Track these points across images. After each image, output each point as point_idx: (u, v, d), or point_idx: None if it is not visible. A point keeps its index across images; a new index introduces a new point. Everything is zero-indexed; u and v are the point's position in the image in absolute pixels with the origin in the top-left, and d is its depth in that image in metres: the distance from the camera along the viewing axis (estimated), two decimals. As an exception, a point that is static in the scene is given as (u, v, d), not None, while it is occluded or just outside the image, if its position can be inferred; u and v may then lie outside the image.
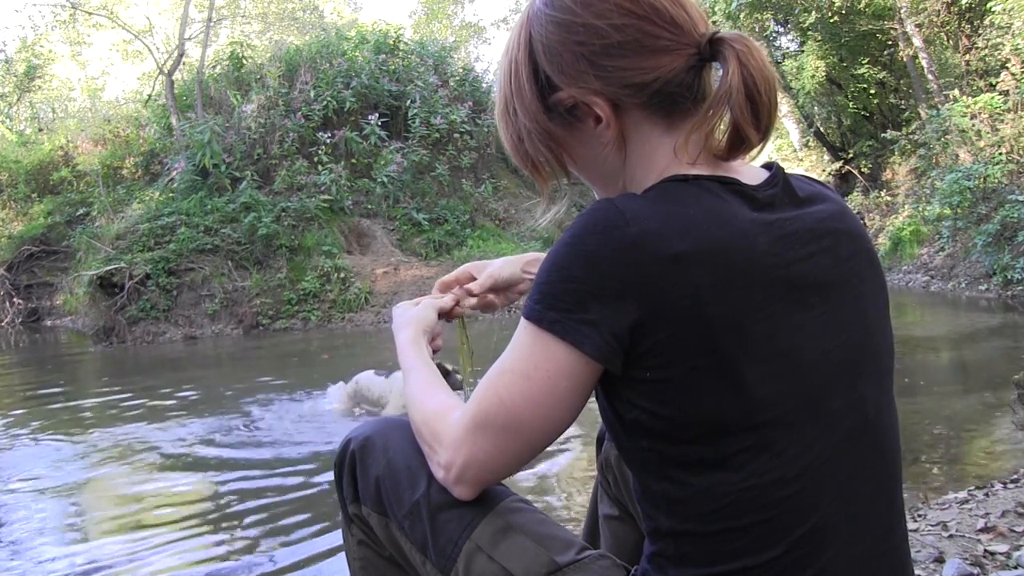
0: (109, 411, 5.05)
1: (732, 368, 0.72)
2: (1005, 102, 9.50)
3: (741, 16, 13.63)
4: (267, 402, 4.82)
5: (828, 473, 0.76)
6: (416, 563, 0.98)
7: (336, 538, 2.45)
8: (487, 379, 0.83)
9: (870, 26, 13.10)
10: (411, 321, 1.13)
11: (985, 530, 1.94)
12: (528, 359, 0.78)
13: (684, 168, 0.80)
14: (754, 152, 0.84)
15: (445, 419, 0.89)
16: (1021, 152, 9.17)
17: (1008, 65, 9.87)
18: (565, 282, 0.75)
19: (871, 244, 0.88)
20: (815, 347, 0.76)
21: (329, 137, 11.51)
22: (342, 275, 10.06)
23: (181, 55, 13.86)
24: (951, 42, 12.49)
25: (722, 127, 0.81)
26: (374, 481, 1.01)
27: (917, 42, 11.81)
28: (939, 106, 11.11)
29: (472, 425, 0.83)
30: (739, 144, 0.81)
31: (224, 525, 2.71)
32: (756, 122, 0.79)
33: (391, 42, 13.84)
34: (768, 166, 0.86)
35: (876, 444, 0.80)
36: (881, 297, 0.86)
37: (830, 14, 13.00)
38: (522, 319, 0.79)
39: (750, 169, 0.85)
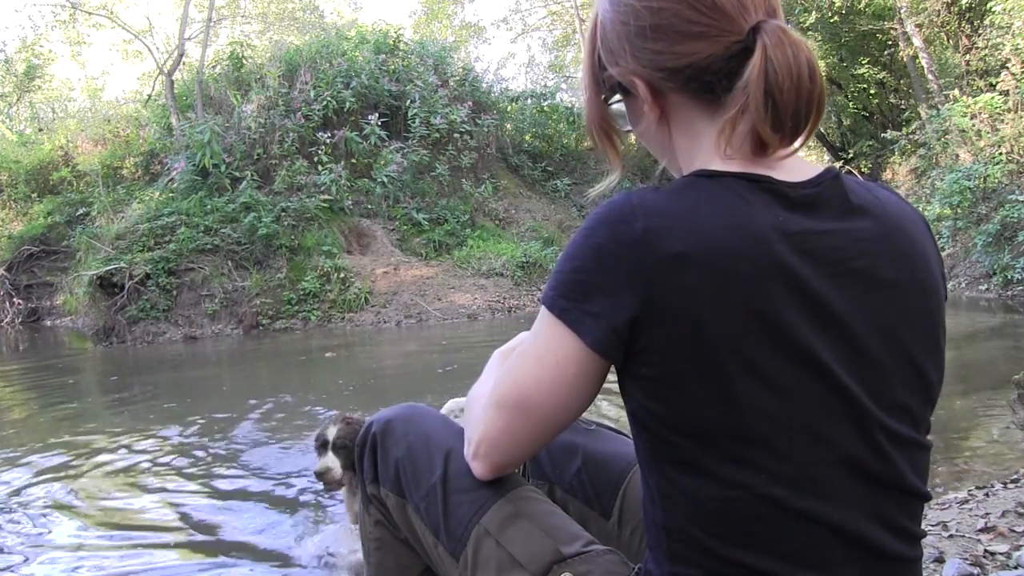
0: (110, 412, 5.05)
1: (721, 376, 0.71)
2: (1005, 102, 9.49)
3: (741, 16, 13.60)
4: (268, 403, 4.82)
5: (817, 500, 0.73)
6: (428, 546, 1.00)
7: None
8: (509, 361, 0.86)
9: (870, 26, 13.11)
10: None
11: (985, 530, 1.94)
12: (540, 343, 0.81)
13: (718, 161, 0.78)
14: (786, 153, 0.78)
15: (480, 400, 0.93)
16: (1021, 152, 9.16)
17: (1008, 65, 9.87)
18: (575, 272, 0.77)
19: (928, 270, 0.81)
20: (820, 371, 0.72)
21: (329, 137, 11.51)
22: (342, 275, 10.05)
23: (181, 55, 13.86)
24: (951, 42, 12.50)
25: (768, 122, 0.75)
26: (394, 463, 1.05)
27: (917, 42, 11.82)
28: (939, 106, 11.11)
29: (489, 403, 0.87)
30: (760, 146, 0.76)
31: (223, 527, 2.70)
32: (776, 122, 0.74)
33: (391, 42, 13.83)
34: (828, 170, 0.80)
35: (877, 481, 0.75)
36: (924, 334, 0.81)
37: (830, 14, 13.00)
38: (541, 305, 0.82)
39: (797, 163, 0.79)
